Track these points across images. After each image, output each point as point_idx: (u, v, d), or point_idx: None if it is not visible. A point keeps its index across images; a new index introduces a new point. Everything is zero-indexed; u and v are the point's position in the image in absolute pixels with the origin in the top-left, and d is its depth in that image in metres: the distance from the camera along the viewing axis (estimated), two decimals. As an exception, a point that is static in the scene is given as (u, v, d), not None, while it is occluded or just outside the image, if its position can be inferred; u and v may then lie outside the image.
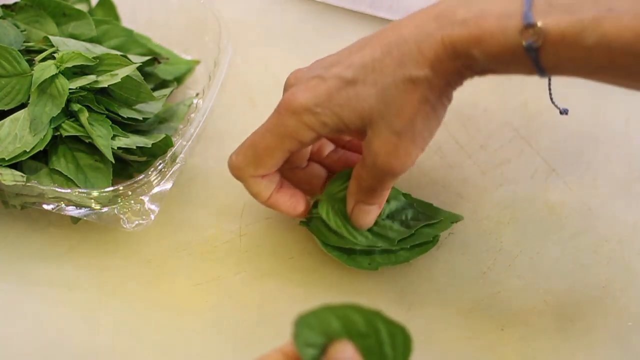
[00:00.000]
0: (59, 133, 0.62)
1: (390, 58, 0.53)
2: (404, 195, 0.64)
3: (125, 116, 0.63)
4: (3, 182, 0.60)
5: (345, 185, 0.61)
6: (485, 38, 0.50)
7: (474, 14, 0.51)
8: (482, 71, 0.53)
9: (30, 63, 0.63)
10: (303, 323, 0.47)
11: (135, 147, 0.62)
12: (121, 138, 0.63)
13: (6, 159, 0.61)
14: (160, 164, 0.62)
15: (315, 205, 0.62)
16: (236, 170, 0.59)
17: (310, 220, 0.63)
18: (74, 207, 0.62)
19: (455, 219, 0.63)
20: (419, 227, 0.62)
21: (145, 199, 0.63)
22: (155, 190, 0.63)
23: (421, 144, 0.55)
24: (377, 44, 0.54)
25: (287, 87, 0.59)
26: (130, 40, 0.70)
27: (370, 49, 0.55)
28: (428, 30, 0.52)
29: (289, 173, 0.62)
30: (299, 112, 0.55)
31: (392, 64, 0.53)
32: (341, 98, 0.54)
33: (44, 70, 0.62)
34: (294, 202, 0.61)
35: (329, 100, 0.55)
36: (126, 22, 0.72)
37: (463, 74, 0.53)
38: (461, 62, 0.52)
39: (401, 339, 0.47)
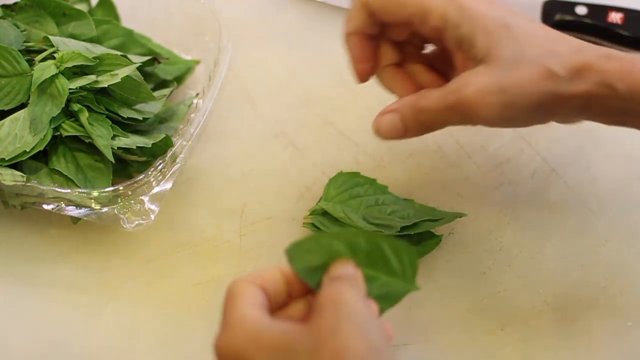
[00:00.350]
0: (59, 133, 0.62)
1: (548, 41, 0.55)
2: (406, 200, 0.64)
3: (125, 116, 0.63)
4: (3, 182, 0.60)
5: (344, 188, 0.62)
6: (635, 71, 0.52)
7: (621, 56, 0.54)
8: (611, 110, 0.55)
9: (30, 63, 0.63)
10: (302, 247, 0.47)
11: (135, 147, 0.62)
12: (121, 138, 0.63)
13: (6, 159, 0.61)
14: (160, 164, 0.62)
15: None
16: None
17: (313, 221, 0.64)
18: (74, 207, 0.62)
19: (458, 215, 0.63)
20: (422, 220, 0.62)
21: (145, 199, 0.63)
22: (155, 190, 0.63)
23: (509, 118, 0.55)
24: (549, 29, 0.56)
25: None
26: (130, 40, 0.70)
27: (541, 25, 0.56)
28: (584, 59, 0.54)
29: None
30: None
31: (546, 44, 0.54)
32: (491, 19, 0.54)
33: (44, 70, 0.62)
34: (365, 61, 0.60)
35: (483, 11, 0.55)
36: (126, 22, 0.72)
37: (589, 106, 0.55)
38: (599, 89, 0.53)
39: (406, 254, 0.47)
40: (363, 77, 0.60)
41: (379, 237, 0.47)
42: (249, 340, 0.45)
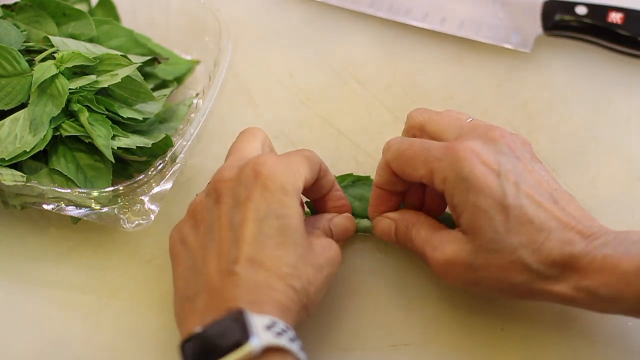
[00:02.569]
0: (59, 133, 0.62)
1: (540, 232, 0.54)
2: None
3: (125, 116, 0.63)
4: (3, 182, 0.60)
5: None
6: (619, 274, 0.52)
7: (606, 253, 0.53)
8: (594, 308, 0.55)
9: (30, 63, 0.63)
10: None
11: (135, 147, 0.62)
12: (121, 138, 0.63)
13: (6, 159, 0.61)
14: (160, 164, 0.62)
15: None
16: (386, 146, 0.60)
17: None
18: (74, 207, 0.62)
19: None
20: None
21: (145, 199, 0.63)
22: (155, 190, 0.63)
23: (473, 290, 0.58)
24: (552, 211, 0.54)
25: (467, 129, 0.58)
26: (130, 40, 0.70)
27: (545, 206, 0.54)
28: (573, 250, 0.54)
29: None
30: (460, 160, 0.54)
31: (536, 234, 0.54)
32: (486, 199, 0.54)
33: (44, 70, 0.62)
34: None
35: (482, 187, 0.54)
36: (126, 22, 0.72)
37: (571, 303, 0.55)
38: (579, 294, 0.54)
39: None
40: (371, 216, 0.63)
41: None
42: None
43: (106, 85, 0.62)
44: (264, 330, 0.49)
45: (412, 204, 0.62)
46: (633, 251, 0.52)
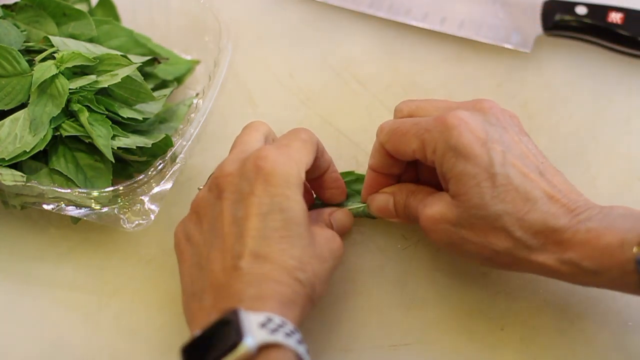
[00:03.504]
0: (59, 133, 0.62)
1: (525, 201, 0.54)
2: None
3: (125, 116, 0.63)
4: (3, 182, 0.60)
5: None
6: (601, 247, 0.53)
7: (591, 226, 0.54)
8: (579, 281, 0.56)
9: (30, 63, 0.63)
10: None
11: (135, 147, 0.62)
12: (121, 138, 0.63)
13: (6, 159, 0.61)
14: (160, 164, 0.62)
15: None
16: (379, 129, 0.60)
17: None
18: (74, 207, 0.62)
19: None
20: None
21: (145, 199, 0.63)
22: (155, 190, 0.63)
23: (456, 252, 0.59)
24: (538, 182, 0.55)
25: (455, 106, 0.59)
26: (130, 40, 0.70)
27: (531, 177, 0.55)
28: (557, 223, 0.54)
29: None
30: (449, 129, 0.55)
31: (521, 204, 0.54)
32: (473, 166, 0.55)
33: (44, 70, 0.62)
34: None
35: (468, 154, 0.55)
36: (126, 22, 0.72)
37: (555, 275, 0.56)
38: (562, 267, 0.54)
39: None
40: (364, 199, 0.64)
41: None
42: None
43: (106, 85, 0.62)
44: (258, 328, 0.49)
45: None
46: (617, 225, 0.53)
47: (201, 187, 0.60)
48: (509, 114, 0.59)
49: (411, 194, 0.61)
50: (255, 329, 0.49)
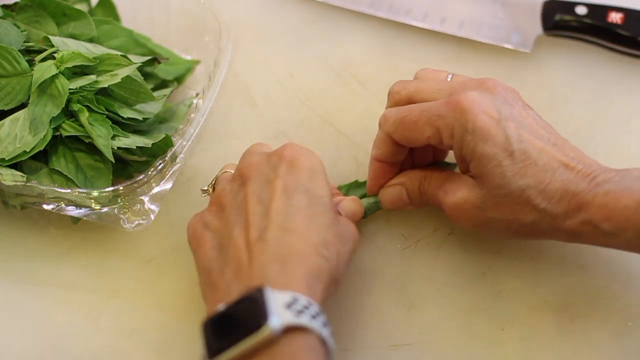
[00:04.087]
0: (59, 133, 0.62)
1: (545, 172, 0.56)
2: None
3: (125, 116, 0.63)
4: (3, 182, 0.60)
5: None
6: (619, 209, 0.54)
7: (609, 189, 0.55)
8: (597, 242, 0.57)
9: (30, 63, 0.63)
10: None
11: (135, 147, 0.62)
12: (121, 138, 0.63)
13: (6, 159, 0.61)
14: (160, 164, 0.62)
15: None
16: (383, 119, 0.61)
17: None
18: (74, 207, 0.62)
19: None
20: None
21: (145, 199, 0.63)
22: (155, 190, 0.63)
23: (484, 232, 0.60)
24: (553, 153, 0.57)
25: (459, 86, 0.60)
26: (130, 40, 0.70)
27: (546, 149, 0.57)
28: (577, 188, 0.55)
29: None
30: (464, 113, 0.56)
31: (541, 175, 0.56)
32: (492, 146, 0.56)
33: (44, 70, 0.62)
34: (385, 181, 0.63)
35: (487, 135, 0.56)
36: (126, 22, 0.72)
37: (575, 238, 0.57)
38: (584, 228, 0.56)
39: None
40: (373, 192, 0.64)
41: None
42: None
43: (106, 85, 0.62)
44: (284, 308, 0.49)
45: (405, 167, 0.64)
46: (634, 187, 0.54)
47: (205, 188, 0.60)
48: (510, 90, 0.60)
49: (423, 179, 0.61)
50: (281, 310, 0.49)
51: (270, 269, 0.51)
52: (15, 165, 0.61)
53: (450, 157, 0.65)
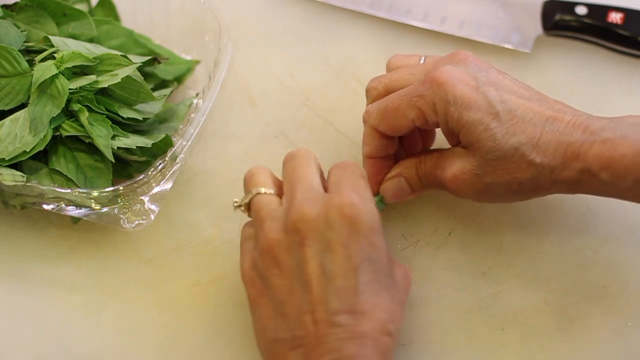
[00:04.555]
0: (59, 133, 0.62)
1: (534, 127, 0.56)
2: None
3: (125, 116, 0.63)
4: (3, 182, 0.60)
5: None
6: (617, 157, 0.54)
7: (605, 137, 0.55)
8: (598, 191, 0.57)
9: (30, 63, 0.63)
10: None
11: (135, 147, 0.62)
12: (121, 138, 0.63)
13: (6, 159, 0.61)
14: (160, 164, 0.62)
15: None
16: (366, 114, 0.61)
17: None
18: (74, 207, 0.62)
19: None
20: None
21: (145, 199, 0.63)
22: (155, 190, 0.63)
23: (487, 199, 0.60)
24: (538, 108, 0.57)
25: (431, 66, 0.60)
26: (130, 40, 0.70)
27: (529, 105, 0.57)
28: (570, 138, 0.56)
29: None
30: (442, 86, 0.57)
31: (531, 130, 0.56)
32: (476, 112, 0.57)
33: (44, 70, 0.62)
34: (380, 177, 0.63)
35: (468, 103, 0.57)
36: (126, 22, 0.72)
37: (575, 189, 0.58)
38: (582, 177, 0.56)
39: None
40: (372, 190, 0.62)
41: None
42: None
43: (106, 85, 0.62)
44: None
45: (398, 160, 0.64)
46: (630, 135, 0.55)
47: (238, 204, 0.58)
48: (483, 61, 0.60)
49: (419, 164, 0.61)
50: None
51: (345, 353, 0.51)
52: (15, 165, 0.61)
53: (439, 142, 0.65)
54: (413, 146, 0.64)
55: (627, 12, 0.74)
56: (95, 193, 0.61)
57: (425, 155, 0.62)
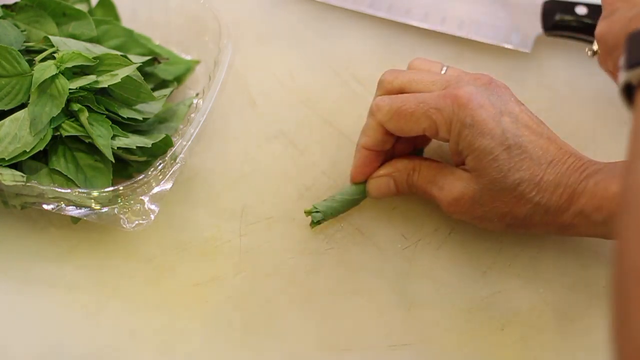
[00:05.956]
0: (59, 133, 0.62)
1: (539, 166, 0.58)
2: None
3: (125, 116, 0.63)
4: (3, 182, 0.60)
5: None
6: (609, 198, 0.55)
7: (599, 178, 0.56)
8: (583, 234, 0.59)
9: (30, 63, 0.63)
10: None
11: (135, 147, 0.62)
12: (121, 138, 0.63)
13: (6, 159, 0.61)
14: (160, 164, 0.62)
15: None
16: (376, 108, 0.61)
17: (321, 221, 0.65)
18: (74, 207, 0.62)
19: None
20: None
21: (145, 199, 0.63)
22: (155, 190, 0.63)
23: (479, 224, 0.62)
24: (547, 146, 0.59)
25: (454, 80, 0.61)
26: (130, 40, 0.70)
27: (540, 143, 0.59)
28: (568, 180, 0.57)
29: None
30: (462, 107, 0.57)
31: (535, 169, 0.58)
32: (489, 140, 0.57)
33: (44, 70, 0.62)
34: (372, 170, 0.64)
35: (484, 129, 0.57)
36: (126, 22, 0.72)
37: (564, 231, 0.59)
38: (575, 220, 0.57)
39: None
40: (357, 180, 0.64)
41: None
42: None
43: (106, 85, 0.62)
44: None
45: (388, 154, 0.64)
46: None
47: (595, 50, 0.61)
48: (503, 86, 0.61)
49: (412, 172, 0.62)
50: None
51: None
52: (15, 165, 0.61)
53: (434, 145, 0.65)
54: (407, 146, 0.65)
55: (627, 12, 0.74)
56: (95, 193, 0.61)
57: (421, 164, 0.62)
